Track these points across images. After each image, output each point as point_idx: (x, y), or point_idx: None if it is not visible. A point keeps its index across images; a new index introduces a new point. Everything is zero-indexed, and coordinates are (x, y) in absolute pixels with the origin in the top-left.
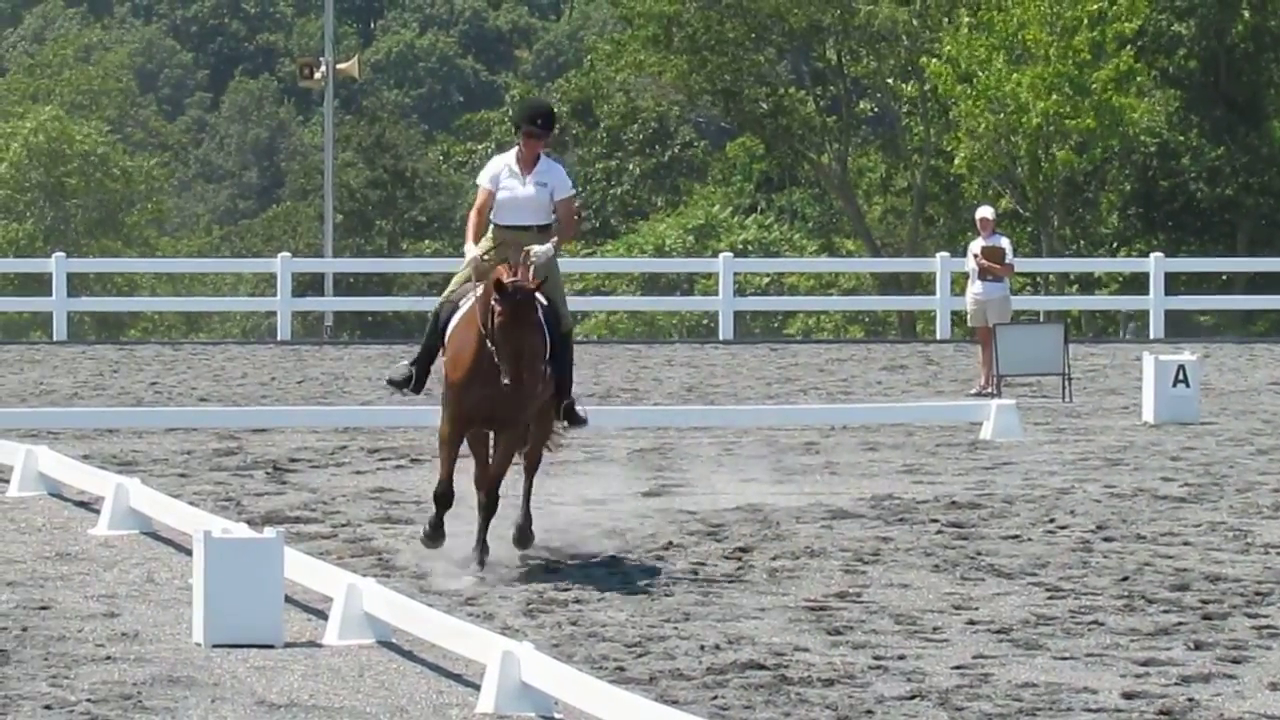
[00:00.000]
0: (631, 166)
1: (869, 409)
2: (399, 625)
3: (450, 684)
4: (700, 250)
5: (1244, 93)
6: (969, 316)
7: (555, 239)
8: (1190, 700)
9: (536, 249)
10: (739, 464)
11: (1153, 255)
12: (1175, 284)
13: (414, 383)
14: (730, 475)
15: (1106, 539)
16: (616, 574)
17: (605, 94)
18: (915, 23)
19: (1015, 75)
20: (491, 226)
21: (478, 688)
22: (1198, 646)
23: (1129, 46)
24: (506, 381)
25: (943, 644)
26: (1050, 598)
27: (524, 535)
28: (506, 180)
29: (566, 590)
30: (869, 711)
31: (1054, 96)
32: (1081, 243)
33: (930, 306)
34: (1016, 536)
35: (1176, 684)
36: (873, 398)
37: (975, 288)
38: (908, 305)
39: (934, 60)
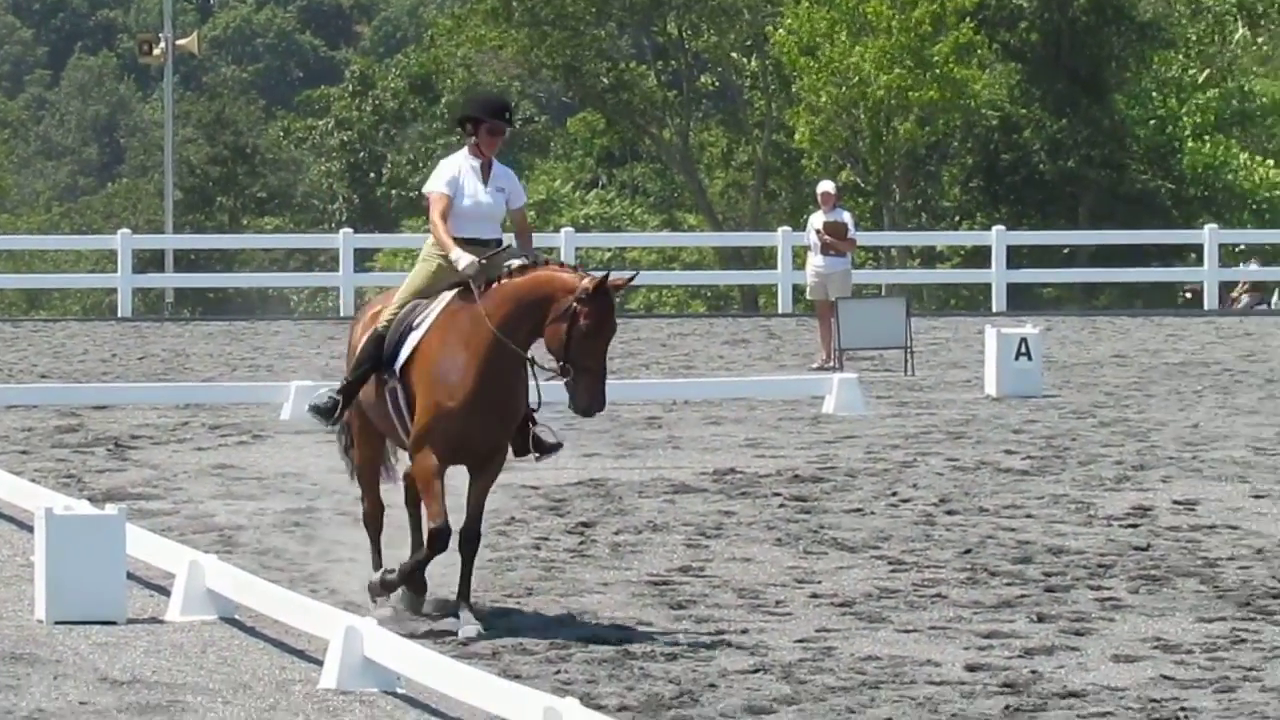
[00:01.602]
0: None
1: (711, 383)
2: (241, 601)
3: (293, 660)
4: (542, 225)
5: (1086, 66)
6: (810, 291)
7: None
8: (1033, 672)
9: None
10: (581, 438)
11: (995, 229)
12: (1017, 257)
13: (340, 410)
14: (573, 450)
15: (949, 512)
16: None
17: (446, 69)
18: None
19: (857, 48)
20: (428, 242)
21: (321, 663)
22: (1040, 619)
23: (969, 19)
24: (583, 406)
25: (786, 618)
26: (893, 571)
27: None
28: (468, 186)
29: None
30: (712, 685)
31: (895, 70)
32: (924, 216)
33: (772, 281)
34: (859, 510)
35: (1020, 656)
36: (715, 372)
37: (817, 262)
38: (750, 280)
39: (779, 31)
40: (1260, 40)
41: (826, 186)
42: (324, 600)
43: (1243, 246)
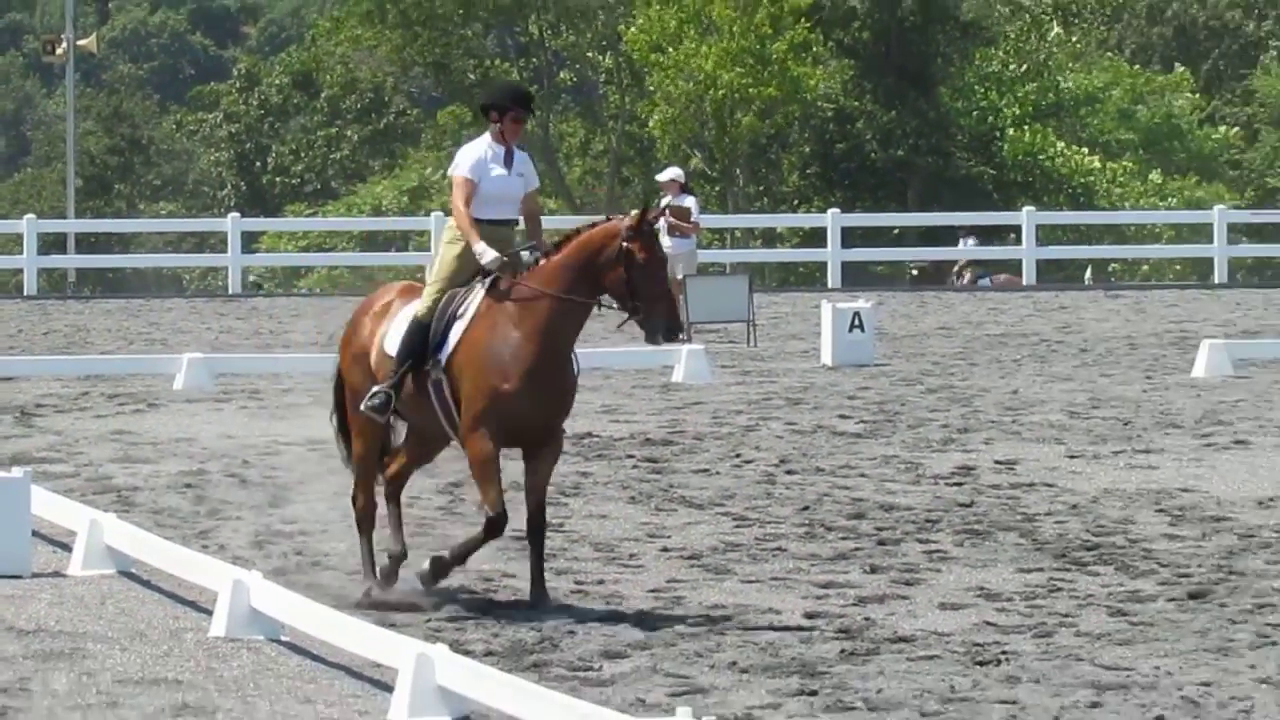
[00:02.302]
0: (350, 133)
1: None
2: (138, 556)
3: (186, 610)
4: (414, 209)
5: (914, 62)
6: None
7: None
8: (867, 619)
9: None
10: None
11: (830, 211)
12: (852, 238)
13: (393, 402)
14: None
15: (789, 472)
16: (336, 508)
17: (326, 66)
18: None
19: (703, 47)
20: (449, 225)
21: (210, 613)
22: (873, 570)
23: (806, 20)
24: (664, 333)
25: (639, 570)
26: (737, 526)
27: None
28: (493, 170)
29: (292, 523)
30: (570, 632)
31: (738, 67)
32: (765, 200)
33: None
34: (706, 470)
35: (854, 604)
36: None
37: (665, 242)
38: None
39: (631, 31)
40: (1074, 38)
41: (672, 174)
42: (214, 555)
43: (963, 228)
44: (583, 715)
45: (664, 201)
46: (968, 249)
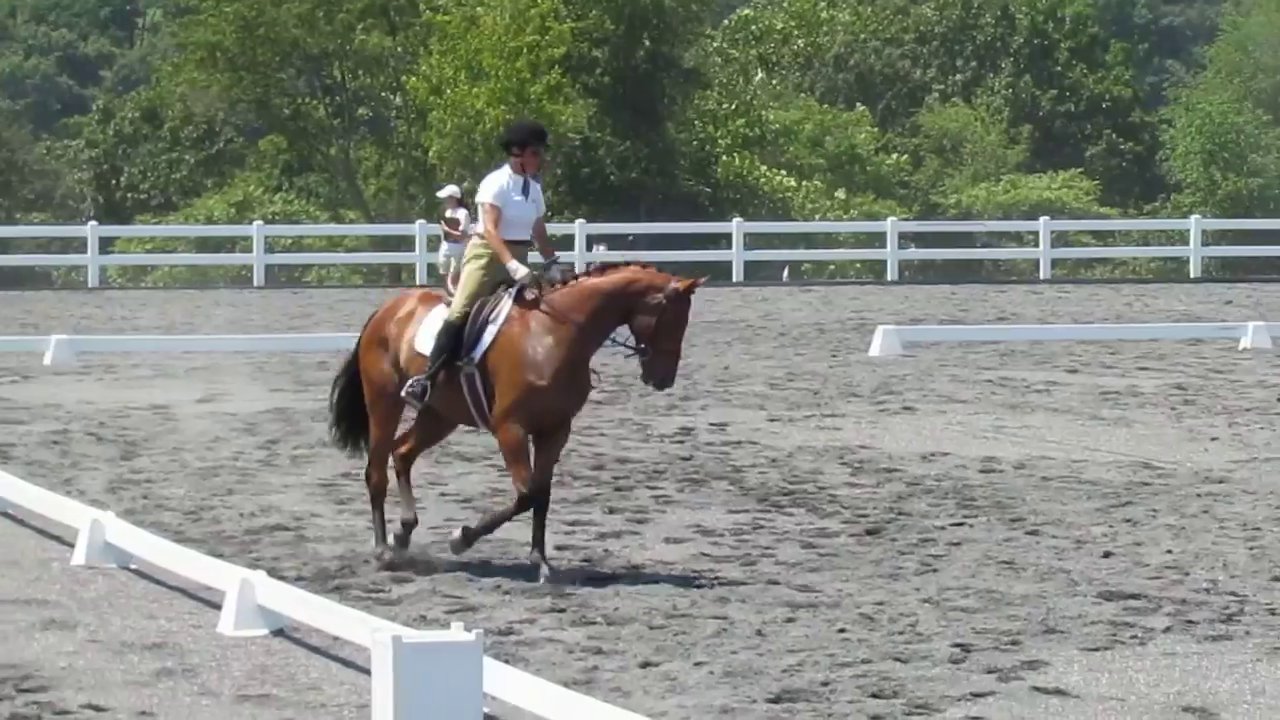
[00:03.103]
0: (189, 157)
1: None
2: (13, 499)
3: (52, 543)
4: (240, 220)
5: (645, 101)
6: (441, 268)
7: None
8: (606, 550)
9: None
10: (269, 379)
11: (577, 222)
12: (596, 243)
13: (429, 392)
14: (263, 387)
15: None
16: (176, 460)
17: (168, 103)
18: (399, 49)
19: (474, 89)
20: (475, 240)
21: (73, 546)
22: (611, 511)
23: (558, 67)
24: (659, 379)
25: (422, 510)
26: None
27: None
28: (514, 197)
29: (139, 472)
30: (366, 561)
31: (502, 105)
32: None
33: (412, 261)
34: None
35: (596, 539)
36: None
37: (444, 247)
38: (395, 260)
39: (413, 78)
40: (774, 81)
41: (450, 190)
42: (75, 499)
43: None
44: (374, 628)
45: (447, 211)
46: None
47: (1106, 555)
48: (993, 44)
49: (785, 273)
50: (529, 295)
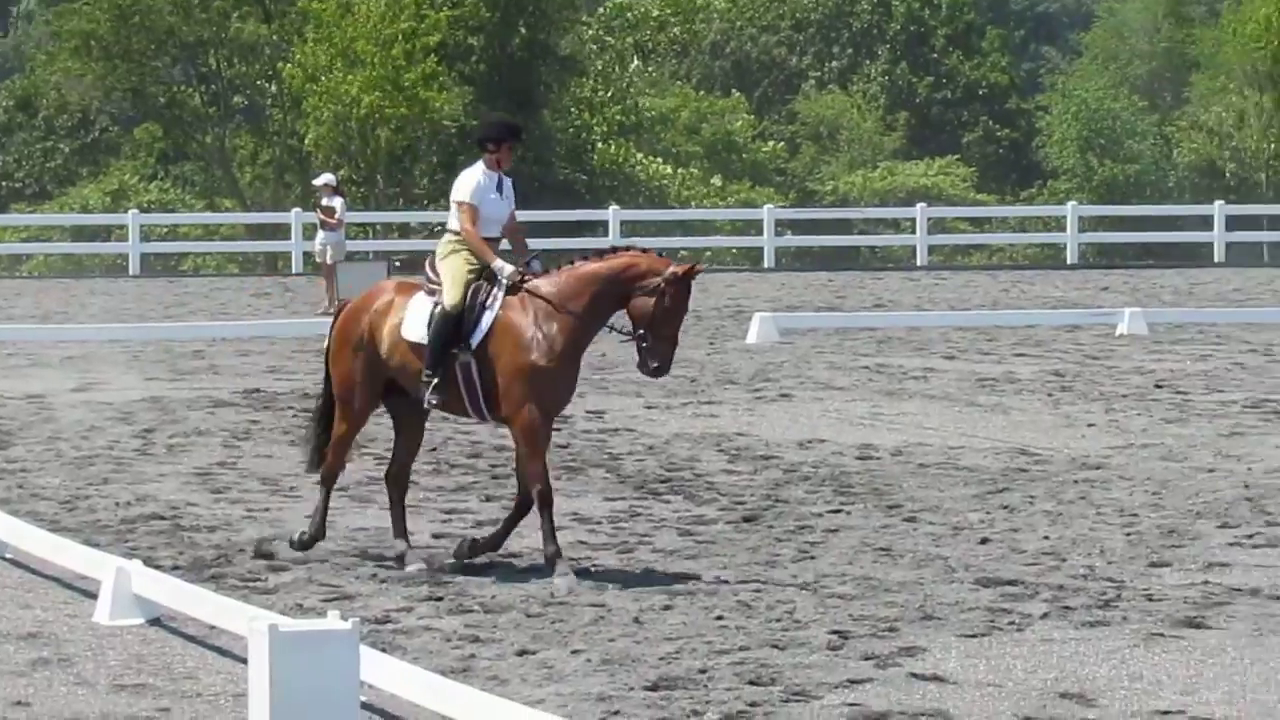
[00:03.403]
0: (64, 146)
1: (242, 325)
2: None
3: None
4: (116, 208)
5: (521, 89)
6: (317, 256)
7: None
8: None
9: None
10: (144, 367)
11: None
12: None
13: (441, 385)
14: (138, 376)
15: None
16: (52, 449)
17: (43, 92)
18: (275, 37)
19: (349, 77)
20: (450, 236)
21: None
22: (488, 499)
23: (434, 54)
24: (655, 366)
25: (298, 500)
26: (378, 464)
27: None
28: (490, 195)
29: (14, 462)
30: (242, 550)
31: (377, 93)
32: (401, 200)
33: (288, 249)
34: None
35: (473, 527)
36: (245, 317)
37: (320, 235)
38: (271, 248)
39: (289, 66)
40: (650, 69)
41: (324, 179)
42: None
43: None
44: (250, 617)
45: (322, 199)
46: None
47: (984, 542)
48: (869, 31)
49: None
50: (518, 289)
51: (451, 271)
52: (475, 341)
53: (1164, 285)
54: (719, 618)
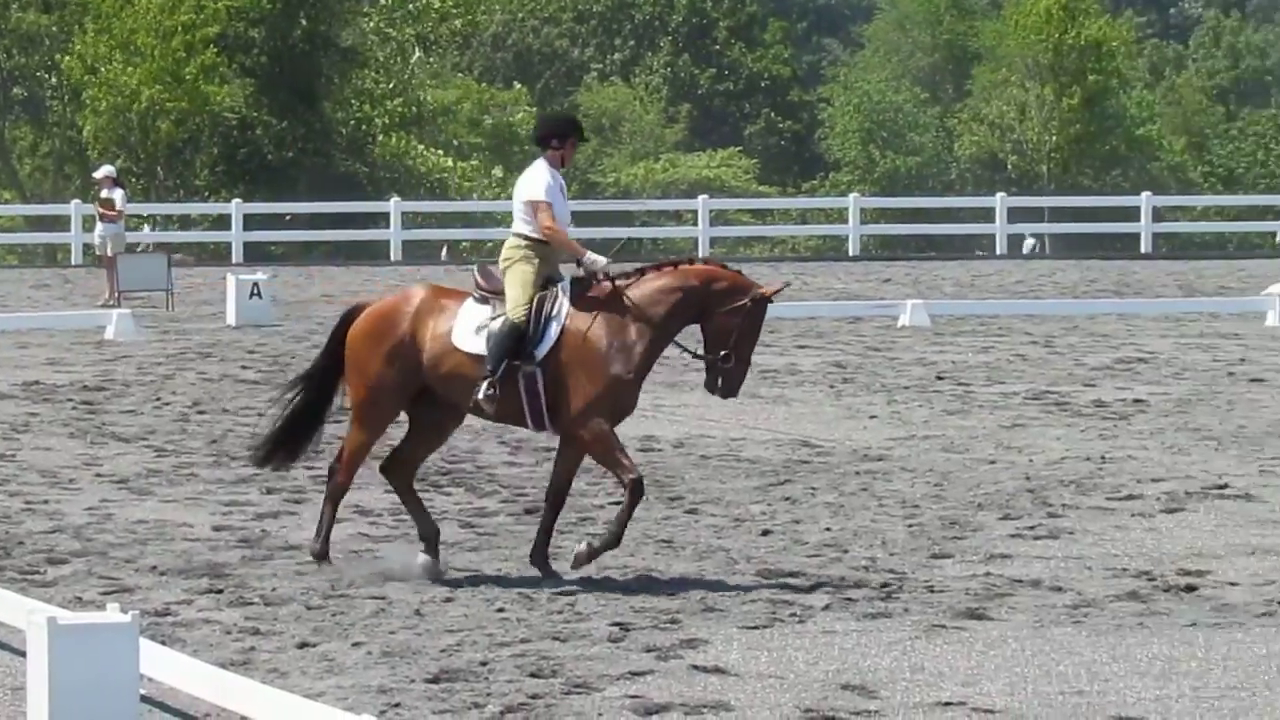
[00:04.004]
0: None
1: (21, 317)
2: None
3: None
4: None
5: (303, 80)
6: (96, 248)
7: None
8: (264, 531)
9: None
10: None
11: (234, 201)
12: (253, 222)
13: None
14: None
15: (200, 412)
16: None
17: None
18: (54, 28)
19: (129, 69)
20: (514, 240)
21: None
22: (269, 491)
23: (214, 46)
24: (729, 388)
25: (77, 492)
26: (158, 456)
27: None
28: (558, 193)
29: None
30: (21, 542)
31: (158, 85)
32: (181, 192)
33: (67, 241)
34: (133, 411)
35: (253, 519)
36: (24, 309)
37: (100, 227)
38: (50, 240)
39: (68, 57)
40: (431, 60)
41: (104, 171)
42: None
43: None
44: (29, 610)
45: (102, 191)
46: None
47: (765, 534)
48: (651, 23)
49: (444, 252)
50: (603, 285)
51: (520, 280)
52: (541, 353)
53: (945, 277)
54: (500, 610)
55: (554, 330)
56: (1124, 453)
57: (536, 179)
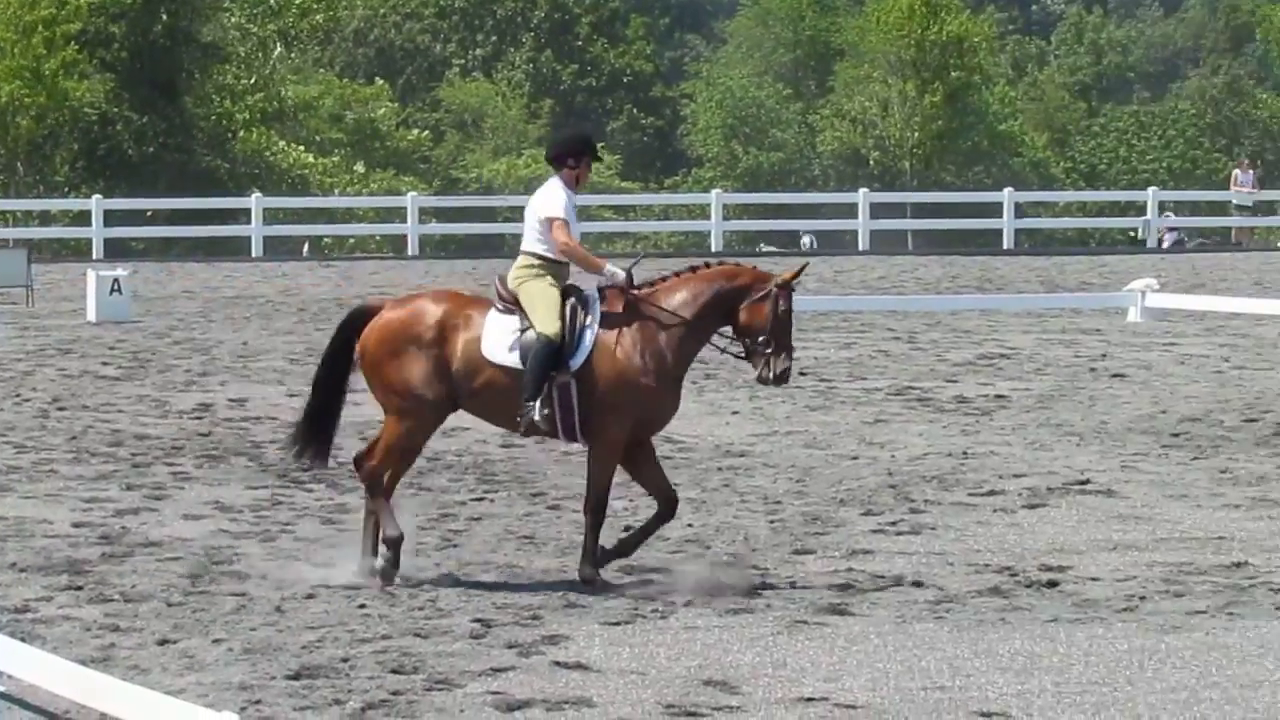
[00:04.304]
0: None
1: None
2: None
3: None
4: None
5: (164, 76)
6: None
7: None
8: (124, 528)
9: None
10: None
11: (95, 197)
12: (113, 218)
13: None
14: None
15: (60, 408)
16: None
17: None
18: None
19: None
20: (525, 259)
21: None
22: (129, 488)
23: (74, 42)
24: (780, 373)
25: None
26: (17, 453)
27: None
28: (573, 211)
29: None
30: None
31: (17, 81)
32: (41, 188)
33: None
34: None
35: (113, 515)
36: None
37: None
38: None
39: None
40: (293, 55)
41: None
42: None
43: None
44: None
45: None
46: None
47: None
48: (513, 19)
49: (306, 248)
50: (623, 300)
51: (543, 298)
52: (576, 364)
53: (808, 272)
54: (362, 606)
55: (588, 339)
56: (986, 448)
57: (553, 197)
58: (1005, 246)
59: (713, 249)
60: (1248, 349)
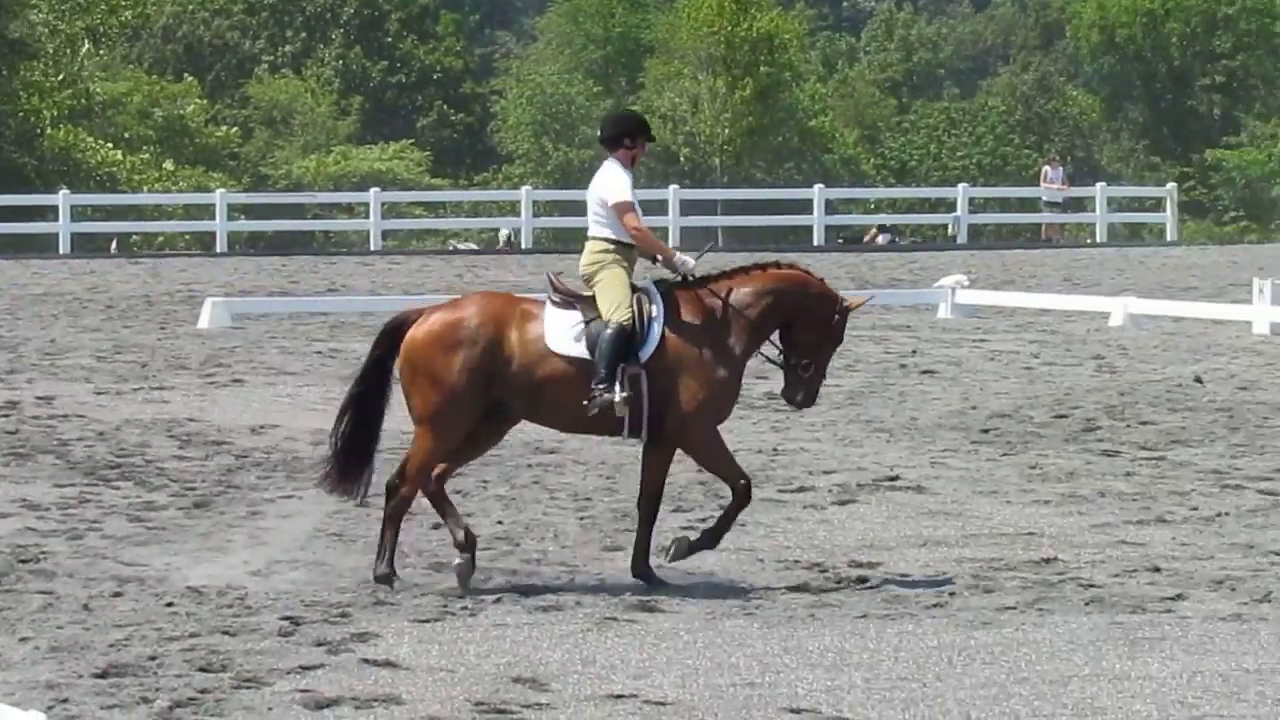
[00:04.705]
0: None
1: None
2: None
3: None
4: None
5: None
6: None
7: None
8: None
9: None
10: None
11: None
12: None
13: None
14: None
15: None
16: None
17: None
18: None
19: None
20: (596, 243)
21: None
22: (57, 485)
23: None
24: (805, 398)
25: None
26: None
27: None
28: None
29: None
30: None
31: None
32: None
33: None
34: None
35: (45, 511)
36: None
37: None
38: None
39: None
40: (101, 53)
41: None
42: None
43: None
44: None
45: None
46: None
47: (436, 527)
48: (322, 15)
49: (114, 245)
50: (696, 286)
51: (615, 282)
52: (646, 355)
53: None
54: (170, 604)
55: (656, 331)
56: (796, 445)
57: (617, 180)
58: (815, 243)
59: (523, 246)
60: (1057, 345)
